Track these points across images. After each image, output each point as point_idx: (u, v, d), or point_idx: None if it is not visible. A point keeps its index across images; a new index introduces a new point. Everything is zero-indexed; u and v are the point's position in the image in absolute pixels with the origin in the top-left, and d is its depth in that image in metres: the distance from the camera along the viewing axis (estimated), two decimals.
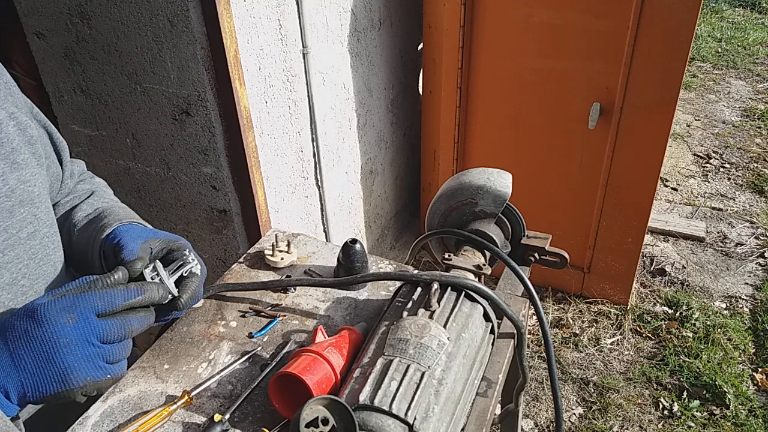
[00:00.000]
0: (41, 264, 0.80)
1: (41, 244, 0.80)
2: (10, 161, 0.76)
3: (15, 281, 0.76)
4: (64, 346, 0.65)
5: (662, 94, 2.21)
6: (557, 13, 2.27)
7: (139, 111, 1.84)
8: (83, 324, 0.67)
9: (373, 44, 2.50)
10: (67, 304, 0.67)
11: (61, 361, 0.65)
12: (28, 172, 0.78)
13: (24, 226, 0.77)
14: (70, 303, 0.67)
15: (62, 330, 0.65)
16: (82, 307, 0.67)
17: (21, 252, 0.77)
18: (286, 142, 2.05)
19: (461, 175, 1.09)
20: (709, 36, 5.91)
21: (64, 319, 0.66)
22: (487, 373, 0.91)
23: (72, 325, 0.66)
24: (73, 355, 0.66)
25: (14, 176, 0.76)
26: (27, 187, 0.78)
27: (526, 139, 2.58)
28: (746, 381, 2.44)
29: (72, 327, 0.66)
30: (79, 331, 0.66)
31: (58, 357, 0.65)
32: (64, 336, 0.65)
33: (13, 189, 0.75)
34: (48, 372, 0.65)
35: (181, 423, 0.83)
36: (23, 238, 0.77)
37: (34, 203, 0.79)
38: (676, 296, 2.86)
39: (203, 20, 1.60)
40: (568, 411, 2.38)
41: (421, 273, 0.91)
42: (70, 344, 0.66)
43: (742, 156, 4.05)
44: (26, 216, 0.77)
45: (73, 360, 0.66)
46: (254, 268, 1.13)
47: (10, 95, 0.82)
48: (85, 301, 0.68)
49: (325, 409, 0.71)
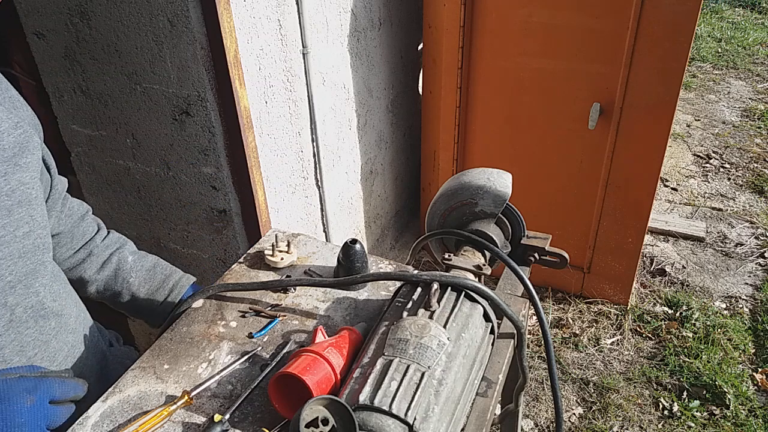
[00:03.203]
0: (29, 263, 0.83)
1: (34, 244, 0.83)
2: (13, 163, 0.79)
3: (1, 277, 0.78)
4: (17, 425, 0.71)
5: (662, 94, 2.21)
6: (557, 13, 2.27)
7: (139, 111, 1.84)
8: (39, 408, 0.73)
9: (373, 44, 2.50)
10: (29, 386, 0.73)
11: None
12: (29, 175, 0.82)
13: (20, 226, 0.80)
14: (32, 386, 0.74)
15: (19, 410, 0.71)
16: (41, 392, 0.74)
17: (14, 250, 0.79)
18: (286, 142, 2.05)
19: (461, 175, 1.09)
20: (709, 36, 5.91)
21: (24, 399, 0.72)
22: (487, 373, 0.91)
23: (29, 407, 0.72)
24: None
25: (16, 177, 0.79)
26: (26, 189, 0.81)
27: (526, 140, 2.58)
28: (746, 381, 2.44)
29: (28, 408, 0.72)
30: (33, 414, 0.73)
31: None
32: (20, 416, 0.71)
33: (13, 189, 0.78)
34: None
35: (181, 423, 0.83)
36: (18, 237, 0.80)
37: (31, 205, 0.82)
38: (676, 296, 2.86)
39: (203, 20, 1.60)
40: (568, 411, 2.38)
41: (421, 273, 0.91)
42: (23, 424, 0.72)
43: (742, 156, 4.05)
44: (23, 216, 0.80)
45: None
46: (254, 268, 1.13)
47: (14, 108, 0.85)
48: (45, 386, 0.75)
49: (325, 409, 0.71)
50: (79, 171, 2.08)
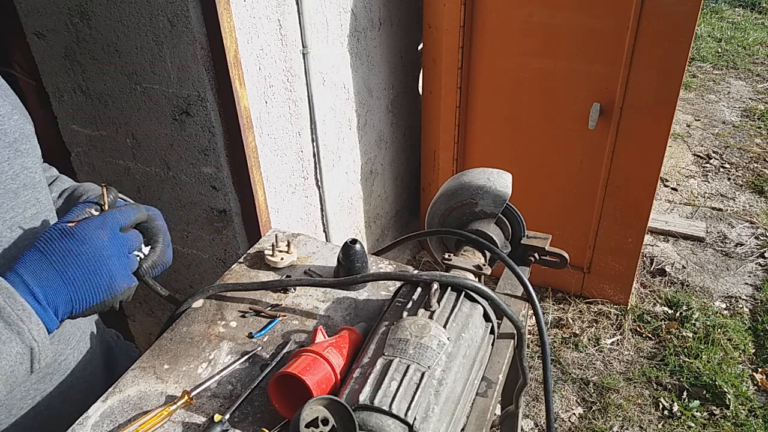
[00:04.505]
0: None
1: (42, 226, 0.84)
2: (14, 149, 0.80)
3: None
4: (107, 257, 0.74)
5: (662, 94, 2.21)
6: (557, 13, 2.27)
7: (139, 111, 1.84)
8: (114, 238, 0.76)
9: (373, 44, 2.50)
10: (98, 222, 0.76)
11: (108, 271, 0.74)
12: (30, 160, 0.83)
13: (28, 207, 0.81)
14: (101, 221, 0.76)
15: (102, 244, 0.74)
16: (110, 224, 0.76)
17: (28, 233, 0.81)
18: (286, 142, 2.05)
19: (461, 175, 1.09)
20: (709, 36, 5.91)
21: (101, 235, 0.74)
22: (487, 374, 0.91)
23: (108, 239, 0.75)
24: (114, 265, 0.75)
25: (18, 162, 0.80)
26: (29, 173, 0.82)
27: (526, 140, 2.58)
28: (746, 381, 2.44)
29: (108, 240, 0.75)
30: (114, 244, 0.75)
31: (105, 268, 0.73)
32: (105, 249, 0.74)
33: (17, 173, 0.80)
34: (96, 283, 0.73)
35: (181, 423, 0.83)
36: (28, 218, 0.81)
37: (36, 188, 0.84)
38: (676, 296, 2.86)
39: (203, 20, 1.60)
40: (568, 411, 2.38)
41: (421, 273, 0.91)
42: (111, 256, 0.74)
43: (742, 156, 4.05)
44: (29, 198, 0.82)
45: (116, 269, 0.75)
46: (254, 268, 1.13)
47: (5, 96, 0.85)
48: (112, 219, 0.77)
49: (325, 409, 0.71)
50: (79, 171, 2.08)
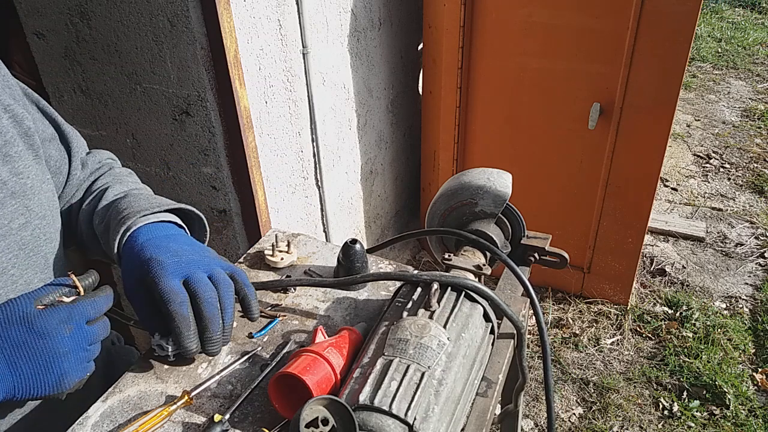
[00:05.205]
0: (31, 255, 0.81)
1: (32, 236, 0.81)
2: (2, 153, 0.77)
3: (5, 270, 0.77)
4: (63, 355, 0.70)
5: (662, 94, 2.21)
6: (557, 13, 2.27)
7: (139, 111, 1.84)
8: (78, 333, 0.72)
9: (373, 44, 2.50)
10: (64, 315, 0.71)
11: (59, 368, 0.70)
12: (21, 164, 0.80)
13: (15, 218, 0.78)
14: (67, 314, 0.72)
15: (60, 341, 0.70)
16: (77, 318, 0.72)
17: (12, 242, 0.78)
18: (286, 142, 2.05)
19: (461, 175, 1.09)
20: (709, 36, 5.91)
21: (63, 330, 0.70)
22: (487, 373, 0.91)
23: (69, 335, 0.71)
24: (69, 361, 0.71)
25: (6, 168, 0.77)
26: (20, 179, 0.79)
27: (526, 140, 2.58)
28: (746, 381, 2.44)
29: (69, 336, 0.71)
30: (75, 340, 0.71)
31: (56, 365, 0.70)
32: (63, 346, 0.70)
33: (5, 181, 0.77)
34: (45, 378, 0.70)
35: (181, 423, 0.83)
36: (14, 229, 0.78)
37: (27, 195, 0.80)
38: (676, 296, 2.86)
39: (203, 20, 1.60)
40: (568, 411, 2.38)
41: (421, 273, 0.91)
42: (68, 353, 0.71)
43: (742, 156, 4.05)
44: (17, 207, 0.78)
45: (68, 366, 0.71)
46: (254, 268, 1.13)
47: (8, 87, 0.82)
48: (79, 311, 0.73)
49: (325, 409, 0.71)
50: None
